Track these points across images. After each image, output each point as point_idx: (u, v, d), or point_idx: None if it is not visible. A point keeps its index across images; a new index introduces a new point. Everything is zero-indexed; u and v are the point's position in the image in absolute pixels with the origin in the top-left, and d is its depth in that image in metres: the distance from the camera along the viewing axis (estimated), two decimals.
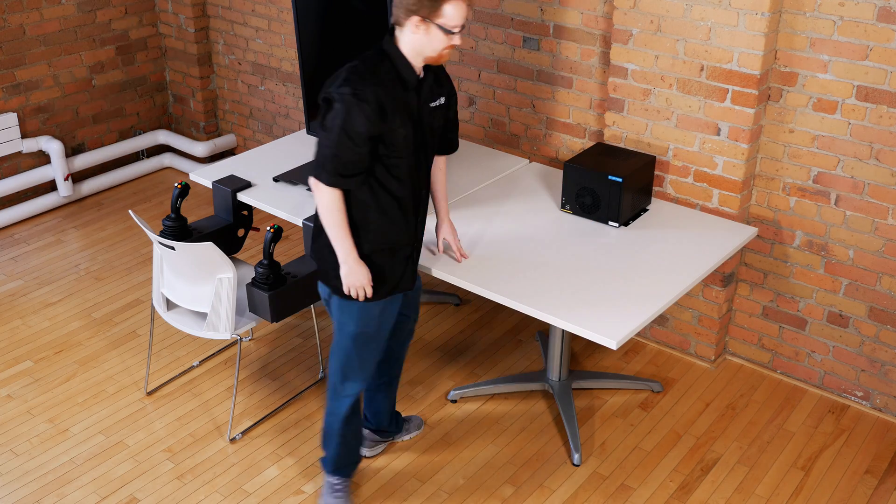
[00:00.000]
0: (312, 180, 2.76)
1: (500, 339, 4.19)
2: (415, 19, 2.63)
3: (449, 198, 3.69)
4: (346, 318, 2.96)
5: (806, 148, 3.49)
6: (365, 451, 3.45)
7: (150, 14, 5.63)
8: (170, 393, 3.86)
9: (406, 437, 3.56)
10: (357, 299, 2.88)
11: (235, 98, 5.69)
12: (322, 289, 3.01)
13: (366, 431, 3.43)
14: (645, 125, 3.75)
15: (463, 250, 3.24)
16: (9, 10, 4.98)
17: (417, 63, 2.75)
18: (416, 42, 2.68)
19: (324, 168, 2.71)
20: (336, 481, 3.22)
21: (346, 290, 2.86)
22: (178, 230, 3.62)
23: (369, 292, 2.86)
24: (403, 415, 3.65)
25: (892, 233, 3.41)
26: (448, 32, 2.66)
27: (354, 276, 2.83)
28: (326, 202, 2.75)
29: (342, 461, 3.20)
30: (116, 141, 5.71)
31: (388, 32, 2.76)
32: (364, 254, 2.85)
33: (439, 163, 3.12)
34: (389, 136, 2.72)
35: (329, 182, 2.72)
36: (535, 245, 3.37)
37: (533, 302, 3.03)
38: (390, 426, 3.46)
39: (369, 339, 2.99)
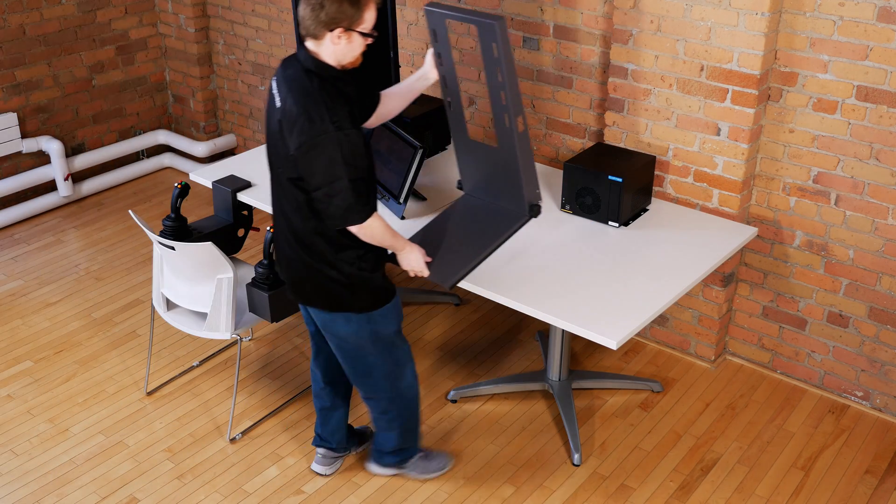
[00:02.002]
0: (354, 229, 2.75)
1: (500, 339, 4.19)
2: (337, 31, 2.64)
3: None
4: (386, 322, 2.98)
5: (806, 148, 3.49)
6: (322, 469, 3.40)
7: (150, 14, 5.63)
8: (170, 393, 3.86)
9: (360, 450, 3.51)
10: (418, 274, 3.02)
11: (235, 98, 5.69)
12: (339, 322, 2.96)
13: (321, 450, 3.40)
14: (645, 125, 3.75)
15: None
16: (9, 10, 4.98)
17: None
18: (338, 52, 2.69)
19: (351, 209, 2.71)
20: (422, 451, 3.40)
21: (411, 273, 3.00)
22: (178, 230, 3.62)
23: (424, 267, 3.00)
24: (371, 428, 3.56)
25: (892, 233, 3.41)
26: (368, 36, 2.70)
27: (413, 256, 2.97)
28: (375, 231, 2.79)
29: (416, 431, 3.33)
30: (116, 141, 5.71)
31: (296, 55, 2.76)
32: (374, 272, 2.91)
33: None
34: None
35: (368, 214, 2.74)
36: (535, 245, 3.37)
37: (533, 302, 3.03)
38: (348, 443, 3.43)
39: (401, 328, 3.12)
